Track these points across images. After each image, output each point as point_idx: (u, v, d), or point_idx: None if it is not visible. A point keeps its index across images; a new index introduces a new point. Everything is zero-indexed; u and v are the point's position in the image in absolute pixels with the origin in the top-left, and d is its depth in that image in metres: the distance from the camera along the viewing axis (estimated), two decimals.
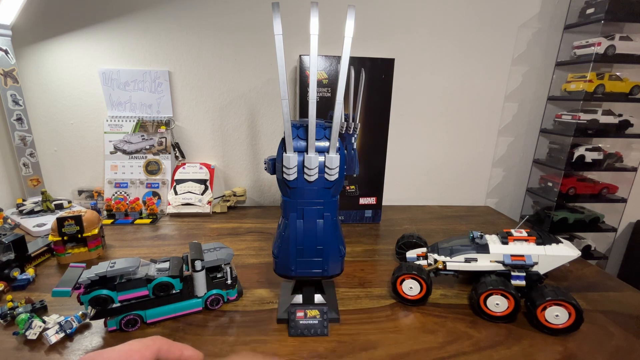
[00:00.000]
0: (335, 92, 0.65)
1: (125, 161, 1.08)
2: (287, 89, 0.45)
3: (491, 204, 1.27)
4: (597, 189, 1.13)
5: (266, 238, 0.89)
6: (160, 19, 1.02)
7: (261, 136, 1.14)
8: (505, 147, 1.22)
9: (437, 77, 1.12)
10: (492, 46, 1.11)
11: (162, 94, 1.08)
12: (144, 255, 0.79)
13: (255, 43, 1.05)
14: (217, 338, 0.53)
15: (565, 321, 0.54)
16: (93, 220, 0.77)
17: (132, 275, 0.53)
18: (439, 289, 0.67)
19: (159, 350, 0.27)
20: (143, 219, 0.99)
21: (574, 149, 1.08)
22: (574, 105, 1.06)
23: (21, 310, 0.55)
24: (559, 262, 0.60)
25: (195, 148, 1.15)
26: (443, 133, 1.18)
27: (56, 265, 0.74)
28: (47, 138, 1.09)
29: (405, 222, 1.03)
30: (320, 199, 0.51)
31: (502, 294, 0.57)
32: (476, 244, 0.63)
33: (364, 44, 1.05)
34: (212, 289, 0.59)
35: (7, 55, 0.96)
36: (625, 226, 1.28)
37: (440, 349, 0.52)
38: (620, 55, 1.00)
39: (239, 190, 1.12)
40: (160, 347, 0.28)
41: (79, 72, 1.05)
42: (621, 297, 0.67)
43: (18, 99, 1.00)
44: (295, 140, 0.49)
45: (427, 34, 1.08)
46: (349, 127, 0.67)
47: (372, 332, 0.55)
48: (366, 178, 0.99)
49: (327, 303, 0.58)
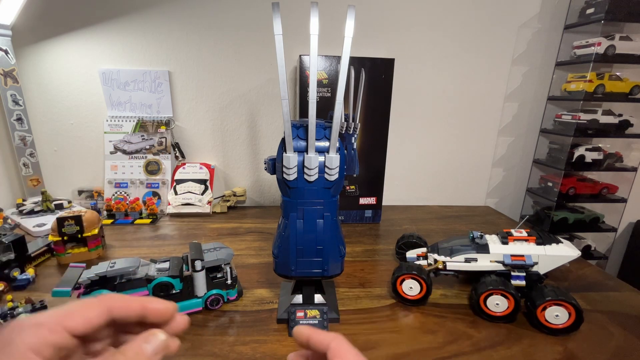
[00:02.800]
0: (335, 92, 0.65)
1: (125, 161, 1.08)
2: (287, 89, 0.45)
3: (491, 204, 1.27)
4: (597, 189, 1.13)
5: (266, 238, 0.89)
6: (160, 19, 1.02)
7: (261, 136, 1.14)
8: (505, 147, 1.22)
9: (437, 77, 1.12)
10: (492, 46, 1.11)
11: (162, 94, 1.08)
12: (144, 255, 0.79)
13: (255, 43, 1.05)
14: (217, 338, 0.53)
15: (565, 321, 0.54)
16: (93, 220, 0.77)
17: (132, 275, 0.54)
18: (439, 289, 0.67)
19: (109, 309, 0.22)
20: (143, 219, 0.99)
21: (574, 149, 1.08)
22: (574, 105, 1.06)
23: (21, 311, 0.55)
24: (559, 262, 0.60)
25: (195, 148, 1.15)
26: (443, 133, 1.18)
27: (56, 265, 0.74)
28: (47, 138, 1.09)
29: (405, 222, 1.03)
30: (320, 199, 0.51)
31: (502, 294, 0.57)
32: (476, 244, 0.63)
33: (364, 44, 1.05)
34: (212, 289, 0.59)
35: (7, 55, 0.96)
36: (625, 226, 1.28)
37: (440, 349, 0.52)
38: (620, 55, 1.00)
39: (239, 190, 1.12)
40: (111, 305, 0.22)
41: (79, 72, 1.05)
42: (621, 297, 0.67)
43: (18, 99, 1.00)
44: (295, 140, 0.49)
45: (427, 34, 1.08)
46: (349, 127, 0.67)
47: (372, 332, 0.55)
48: (366, 178, 0.99)
49: (327, 303, 0.58)
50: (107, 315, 0.22)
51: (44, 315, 0.20)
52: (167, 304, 0.24)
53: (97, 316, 0.21)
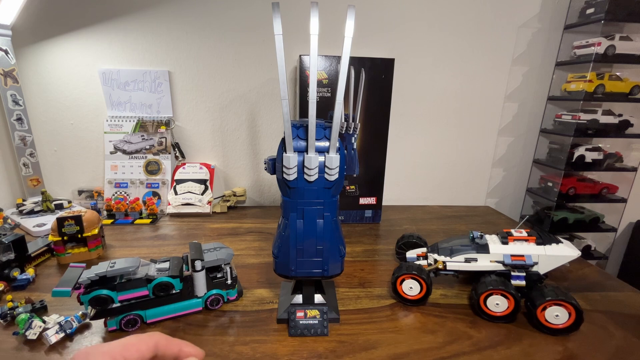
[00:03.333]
0: (335, 92, 0.64)
1: (125, 161, 1.08)
2: (287, 89, 0.45)
3: (491, 204, 1.27)
4: (597, 189, 1.13)
5: (266, 238, 0.89)
6: (160, 19, 1.02)
7: (261, 136, 1.14)
8: (505, 147, 1.22)
9: (437, 77, 1.12)
10: (492, 46, 1.11)
11: (162, 94, 1.08)
12: (144, 255, 0.79)
13: (255, 43, 1.05)
14: (217, 338, 0.53)
15: (565, 321, 0.54)
16: (93, 220, 0.77)
17: (132, 275, 0.53)
18: (439, 289, 0.67)
19: (156, 345, 0.27)
20: (143, 219, 0.99)
21: (574, 149, 1.08)
22: (574, 105, 1.06)
23: (21, 310, 0.55)
24: (559, 262, 0.60)
25: (195, 148, 1.15)
26: (443, 133, 1.18)
27: (56, 265, 0.74)
28: (47, 138, 1.09)
29: (405, 222, 1.03)
30: (320, 199, 0.51)
31: (502, 294, 0.57)
32: (476, 244, 0.63)
33: (364, 44, 1.05)
34: (212, 289, 0.59)
35: (7, 55, 0.96)
36: (625, 226, 1.28)
37: (440, 349, 0.52)
38: (620, 55, 1.00)
39: (239, 190, 1.12)
40: (158, 342, 0.27)
41: (79, 72, 1.05)
42: (621, 297, 0.67)
43: (18, 99, 1.00)
44: (295, 140, 0.49)
45: (427, 33, 1.08)
46: (349, 127, 0.67)
47: (372, 332, 0.55)
48: (366, 178, 0.99)
49: (327, 303, 0.57)
50: (154, 350, 0.27)
51: (107, 346, 0.25)
52: (198, 350, 0.29)
53: (147, 350, 0.26)
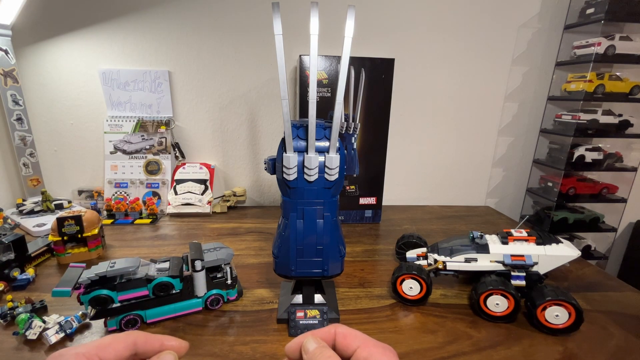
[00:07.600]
0: (335, 92, 0.65)
1: (125, 161, 1.08)
2: (287, 89, 0.45)
3: (491, 204, 1.27)
4: (597, 189, 1.13)
5: (266, 238, 0.89)
6: (160, 19, 1.02)
7: (261, 136, 1.14)
8: (505, 147, 1.22)
9: (437, 77, 1.12)
10: (492, 46, 1.10)
11: (162, 94, 1.08)
12: (144, 255, 0.79)
13: (255, 43, 1.05)
14: (217, 338, 0.53)
15: (565, 321, 0.54)
16: (93, 220, 0.77)
17: (132, 275, 0.53)
18: (439, 289, 0.67)
19: (134, 343, 0.26)
20: (143, 219, 0.99)
21: (574, 149, 1.08)
22: (574, 105, 1.06)
23: (21, 310, 0.55)
24: (559, 262, 0.60)
25: (195, 148, 1.15)
26: (443, 133, 1.18)
27: (56, 265, 0.74)
28: (47, 138, 1.09)
29: (405, 222, 1.03)
30: (320, 199, 0.51)
31: (502, 294, 0.57)
32: (476, 244, 0.63)
33: (364, 44, 1.05)
34: (212, 289, 0.59)
35: (7, 55, 0.96)
36: (625, 226, 1.28)
37: (440, 349, 0.52)
38: (620, 55, 1.00)
39: (239, 190, 1.12)
40: (136, 340, 0.26)
41: (79, 72, 1.05)
42: (621, 297, 0.67)
43: (18, 99, 1.00)
44: (295, 140, 0.49)
45: (427, 34, 1.08)
46: (349, 127, 0.67)
47: (372, 332, 0.55)
48: (366, 178, 0.99)
49: (327, 303, 0.57)
50: (133, 349, 0.26)
51: (81, 347, 0.25)
52: (181, 342, 0.28)
53: (124, 348, 0.26)
